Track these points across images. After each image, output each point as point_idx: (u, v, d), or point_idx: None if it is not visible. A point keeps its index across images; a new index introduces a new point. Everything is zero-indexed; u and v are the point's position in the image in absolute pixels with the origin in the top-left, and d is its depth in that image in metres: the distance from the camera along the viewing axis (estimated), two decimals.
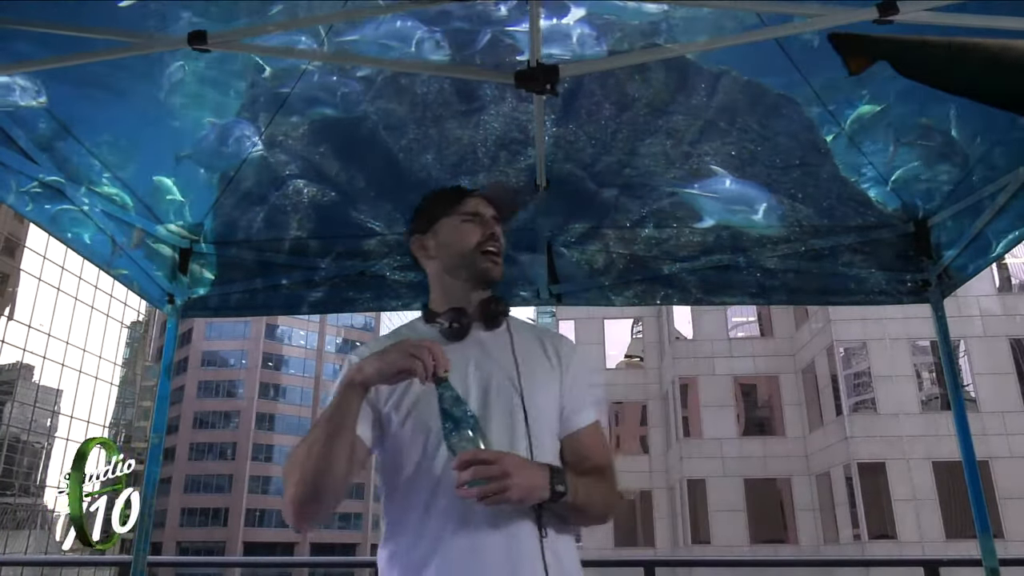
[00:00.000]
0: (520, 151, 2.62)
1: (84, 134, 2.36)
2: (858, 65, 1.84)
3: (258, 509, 59.38)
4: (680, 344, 25.60)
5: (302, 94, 2.39)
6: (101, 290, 47.06)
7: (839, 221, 2.91)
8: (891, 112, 2.42)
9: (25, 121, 2.18)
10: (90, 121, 2.34)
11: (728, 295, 3.04)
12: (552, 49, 2.06)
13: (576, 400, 1.51)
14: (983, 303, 20.60)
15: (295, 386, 64.53)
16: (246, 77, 2.33)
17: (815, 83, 2.31)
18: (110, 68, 2.08)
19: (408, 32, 2.05)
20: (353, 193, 2.81)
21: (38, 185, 2.27)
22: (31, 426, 41.93)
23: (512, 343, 1.48)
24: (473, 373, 1.44)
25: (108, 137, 2.42)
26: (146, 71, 2.16)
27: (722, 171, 2.65)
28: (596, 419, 1.52)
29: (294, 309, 3.18)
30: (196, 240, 2.97)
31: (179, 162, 2.61)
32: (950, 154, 2.53)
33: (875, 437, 20.09)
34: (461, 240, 1.53)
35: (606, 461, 1.48)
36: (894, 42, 1.76)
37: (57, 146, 2.31)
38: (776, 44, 2.17)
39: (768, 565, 5.27)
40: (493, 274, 1.53)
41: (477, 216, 1.55)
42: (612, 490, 1.47)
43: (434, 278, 1.58)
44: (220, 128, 2.49)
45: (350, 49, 2.12)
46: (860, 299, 2.97)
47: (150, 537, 2.75)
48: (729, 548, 22.10)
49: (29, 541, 37.22)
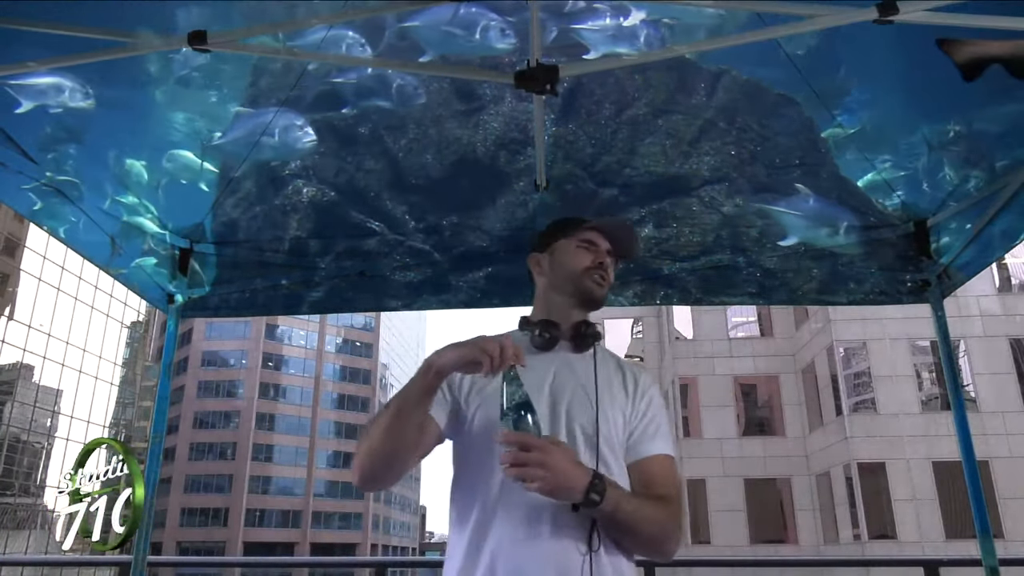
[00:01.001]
0: (520, 151, 2.62)
1: (84, 134, 2.35)
2: (972, 70, 1.83)
3: (258, 509, 59.44)
4: (680, 344, 25.60)
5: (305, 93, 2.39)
6: (101, 290, 47.07)
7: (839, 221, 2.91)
8: (891, 113, 2.42)
9: (25, 121, 2.18)
10: (90, 121, 2.34)
11: (728, 295, 3.04)
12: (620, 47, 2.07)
13: (648, 428, 1.53)
14: (983, 303, 20.61)
15: (295, 386, 64.58)
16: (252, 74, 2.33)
17: (815, 83, 2.31)
18: (110, 67, 2.08)
19: (473, 19, 2.05)
20: (353, 193, 2.81)
21: (38, 185, 2.27)
22: (31, 426, 41.93)
23: (596, 367, 1.55)
24: (550, 384, 1.50)
25: (108, 137, 2.42)
26: (146, 69, 2.16)
27: (805, 190, 2.69)
28: (669, 452, 1.54)
29: (294, 309, 3.18)
30: (196, 240, 2.97)
31: (179, 161, 2.61)
32: (950, 154, 2.52)
33: (875, 437, 20.10)
34: (572, 261, 1.65)
35: (670, 492, 1.48)
36: (1007, 44, 1.75)
37: (57, 146, 2.31)
38: (776, 44, 2.17)
39: (768, 565, 5.27)
40: (597, 294, 1.64)
41: (592, 245, 1.67)
42: (669, 519, 1.44)
43: (540, 293, 1.70)
44: (220, 127, 2.49)
45: (412, 35, 2.11)
46: (860, 299, 2.96)
47: (150, 537, 2.75)
48: (729, 548, 22.10)
49: (29, 541, 37.23)
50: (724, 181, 2.74)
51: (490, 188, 2.78)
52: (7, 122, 2.12)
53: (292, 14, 2.02)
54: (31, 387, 41.77)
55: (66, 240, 2.47)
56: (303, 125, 2.43)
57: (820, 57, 2.19)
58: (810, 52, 2.17)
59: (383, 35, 2.15)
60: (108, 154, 2.46)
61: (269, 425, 61.98)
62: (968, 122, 2.37)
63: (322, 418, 64.29)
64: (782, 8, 1.90)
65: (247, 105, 2.43)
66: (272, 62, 2.25)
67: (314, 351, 66.55)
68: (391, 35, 2.15)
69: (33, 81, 2.07)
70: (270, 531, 58.74)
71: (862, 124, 2.45)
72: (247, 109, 2.42)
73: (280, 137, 2.43)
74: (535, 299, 1.69)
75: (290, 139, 2.44)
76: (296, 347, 65.91)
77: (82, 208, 2.45)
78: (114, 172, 2.53)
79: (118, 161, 2.51)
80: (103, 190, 2.53)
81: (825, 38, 2.09)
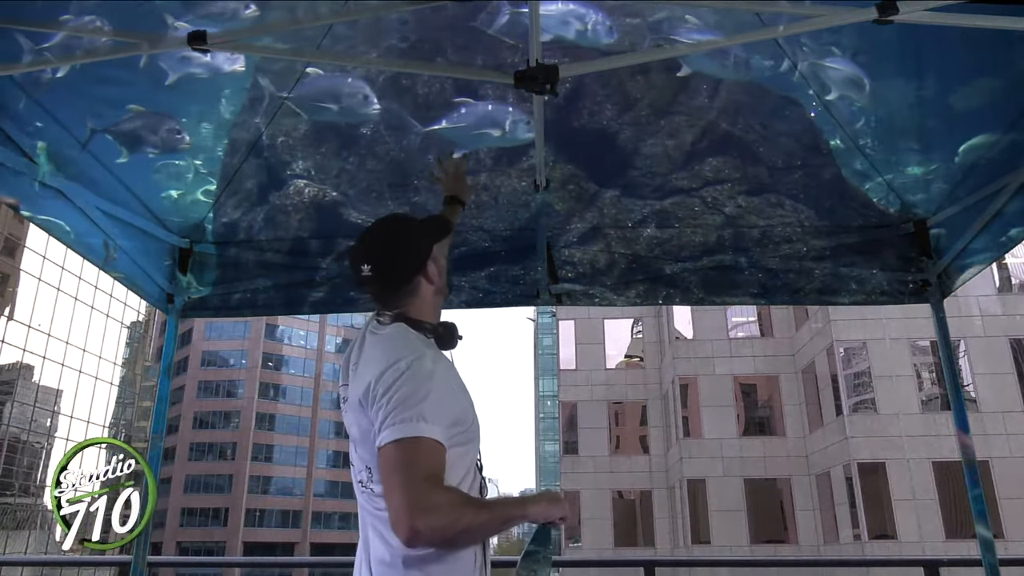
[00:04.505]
0: (521, 151, 2.61)
1: (83, 134, 2.35)
2: None
3: (258, 509, 59.38)
4: (680, 344, 25.60)
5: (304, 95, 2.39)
6: (101, 290, 47.05)
7: (840, 222, 2.92)
8: (892, 114, 2.42)
9: (25, 121, 2.18)
10: (89, 121, 2.34)
11: (730, 295, 3.04)
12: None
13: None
14: (983, 303, 20.61)
15: (295, 386, 64.51)
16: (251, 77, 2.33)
17: (815, 84, 2.31)
18: (109, 66, 2.08)
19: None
20: (354, 193, 2.81)
21: (38, 185, 2.27)
22: (31, 426, 41.91)
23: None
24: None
25: (108, 137, 2.41)
26: (145, 69, 2.16)
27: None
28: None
29: (294, 309, 3.18)
30: (196, 240, 2.97)
31: (178, 161, 2.61)
32: (950, 155, 2.52)
33: (875, 437, 20.09)
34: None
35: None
36: None
37: (57, 146, 2.31)
38: (776, 44, 2.17)
39: (768, 565, 5.27)
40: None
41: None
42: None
43: (427, 298, 1.74)
44: (220, 125, 2.49)
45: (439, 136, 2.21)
46: (861, 299, 2.97)
47: (150, 537, 2.75)
48: (729, 548, 22.10)
49: (29, 541, 37.22)
50: (726, 182, 2.74)
51: (491, 188, 2.78)
52: (7, 122, 2.12)
53: (292, 14, 2.02)
54: (31, 387, 41.74)
55: (65, 240, 2.47)
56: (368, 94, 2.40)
57: (821, 58, 2.19)
58: (811, 53, 2.17)
59: (408, 134, 2.28)
60: (108, 155, 2.46)
61: (269, 425, 61.92)
62: (968, 123, 2.37)
63: (322, 418, 64.22)
64: (782, 8, 1.90)
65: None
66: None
67: (314, 351, 66.49)
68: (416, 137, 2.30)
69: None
70: (270, 531, 58.69)
71: (863, 126, 2.45)
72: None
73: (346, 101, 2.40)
74: (420, 304, 1.68)
75: (355, 103, 2.40)
76: (296, 347, 65.86)
77: (82, 208, 2.44)
78: (114, 172, 2.53)
79: (118, 162, 2.51)
80: (103, 190, 2.52)
81: (826, 38, 2.09)
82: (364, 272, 1.62)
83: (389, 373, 1.45)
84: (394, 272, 1.64)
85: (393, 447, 1.38)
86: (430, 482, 1.35)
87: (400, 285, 1.65)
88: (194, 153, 2.58)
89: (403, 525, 1.32)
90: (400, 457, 1.37)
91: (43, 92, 2.10)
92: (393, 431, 1.39)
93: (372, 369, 1.50)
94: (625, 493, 26.95)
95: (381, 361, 1.50)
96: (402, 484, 1.35)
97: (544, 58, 1.79)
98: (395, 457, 1.38)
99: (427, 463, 1.37)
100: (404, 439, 1.38)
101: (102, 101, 2.28)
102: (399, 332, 1.60)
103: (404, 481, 1.35)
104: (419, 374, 1.46)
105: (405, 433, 1.38)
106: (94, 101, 2.27)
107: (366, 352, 1.61)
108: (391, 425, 1.39)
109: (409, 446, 1.37)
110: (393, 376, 1.45)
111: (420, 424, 1.38)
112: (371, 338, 1.64)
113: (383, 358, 1.51)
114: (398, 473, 1.36)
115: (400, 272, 1.65)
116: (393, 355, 1.50)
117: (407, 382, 1.44)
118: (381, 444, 1.40)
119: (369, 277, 1.62)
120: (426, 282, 1.68)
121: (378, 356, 1.54)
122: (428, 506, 1.33)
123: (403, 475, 1.35)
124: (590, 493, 25.76)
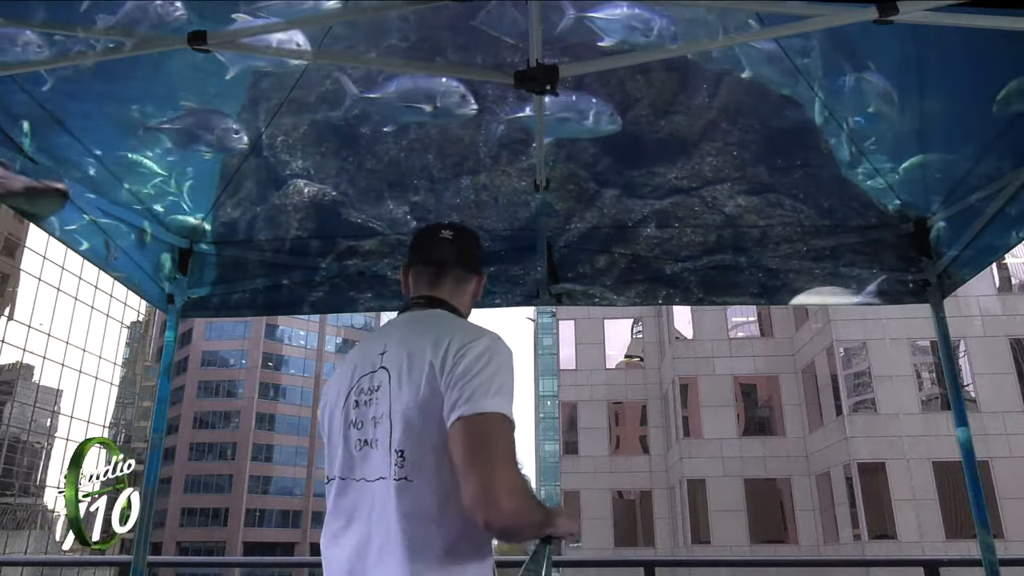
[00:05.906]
0: (521, 151, 2.61)
1: (83, 134, 2.35)
2: None
3: (258, 509, 59.39)
4: (680, 344, 25.60)
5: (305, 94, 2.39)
6: (101, 290, 47.07)
7: (840, 221, 2.91)
8: (892, 114, 2.41)
9: (25, 121, 2.18)
10: (89, 121, 2.34)
11: (730, 295, 3.04)
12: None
13: None
14: (983, 303, 20.60)
15: (295, 386, 64.52)
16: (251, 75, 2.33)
17: (816, 84, 2.30)
18: (110, 66, 2.07)
19: (648, 18, 2.05)
20: (354, 193, 2.81)
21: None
22: (31, 426, 41.93)
23: None
24: None
25: (108, 137, 2.41)
26: (145, 68, 2.16)
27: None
28: None
29: (295, 309, 3.18)
30: (196, 240, 2.97)
31: (179, 161, 2.60)
32: (950, 155, 2.52)
33: (875, 437, 20.09)
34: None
35: None
36: None
37: (57, 146, 2.31)
38: (776, 44, 2.17)
39: (768, 565, 5.27)
40: None
41: None
42: None
43: (464, 311, 1.72)
44: (222, 124, 2.48)
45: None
46: (861, 299, 2.97)
47: (150, 537, 2.75)
48: (729, 548, 22.10)
49: (29, 541, 37.23)
50: (726, 182, 2.74)
51: (491, 188, 2.78)
52: (7, 122, 2.12)
53: (292, 13, 2.02)
54: (31, 387, 41.75)
55: (65, 241, 2.47)
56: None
57: (822, 59, 2.18)
58: (811, 52, 2.17)
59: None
60: (108, 154, 2.46)
61: (269, 425, 61.92)
62: (968, 123, 2.37)
63: None
64: (782, 8, 1.90)
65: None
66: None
67: (314, 351, 66.49)
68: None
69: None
70: (270, 531, 58.69)
71: (863, 125, 2.45)
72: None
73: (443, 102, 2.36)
74: (462, 300, 1.66)
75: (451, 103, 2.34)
76: (296, 347, 65.85)
77: (82, 208, 2.44)
78: (114, 172, 2.52)
79: (118, 161, 2.51)
80: (103, 190, 2.52)
81: (825, 38, 2.09)
82: (444, 235, 1.66)
83: (476, 345, 1.38)
84: (467, 253, 1.68)
85: (486, 419, 1.30)
86: (516, 465, 1.31)
87: (469, 264, 1.67)
88: (193, 151, 2.57)
89: (489, 501, 1.25)
90: (494, 431, 1.30)
91: (43, 92, 2.10)
92: (491, 402, 1.31)
93: (442, 339, 1.40)
94: (625, 493, 26.96)
95: (454, 333, 1.42)
96: (497, 459, 1.27)
97: (544, 58, 1.79)
98: (489, 430, 1.30)
99: (513, 446, 1.33)
100: (499, 415, 1.31)
101: (103, 100, 2.28)
102: (454, 315, 1.59)
103: (500, 457, 1.28)
104: (506, 354, 1.40)
105: (501, 408, 1.31)
106: (95, 100, 2.27)
107: (413, 327, 1.52)
108: (490, 395, 1.31)
109: (505, 424, 1.31)
110: (482, 348, 1.38)
111: (511, 405, 1.33)
112: (418, 315, 1.58)
113: (458, 330, 1.44)
114: (492, 448, 1.29)
115: (471, 257, 1.70)
116: (474, 329, 1.44)
117: (496, 356, 1.37)
118: (470, 414, 1.30)
119: (449, 240, 1.65)
120: (476, 287, 1.71)
121: (444, 330, 1.44)
122: (516, 488, 1.28)
123: (498, 451, 1.28)
124: (590, 493, 25.77)
